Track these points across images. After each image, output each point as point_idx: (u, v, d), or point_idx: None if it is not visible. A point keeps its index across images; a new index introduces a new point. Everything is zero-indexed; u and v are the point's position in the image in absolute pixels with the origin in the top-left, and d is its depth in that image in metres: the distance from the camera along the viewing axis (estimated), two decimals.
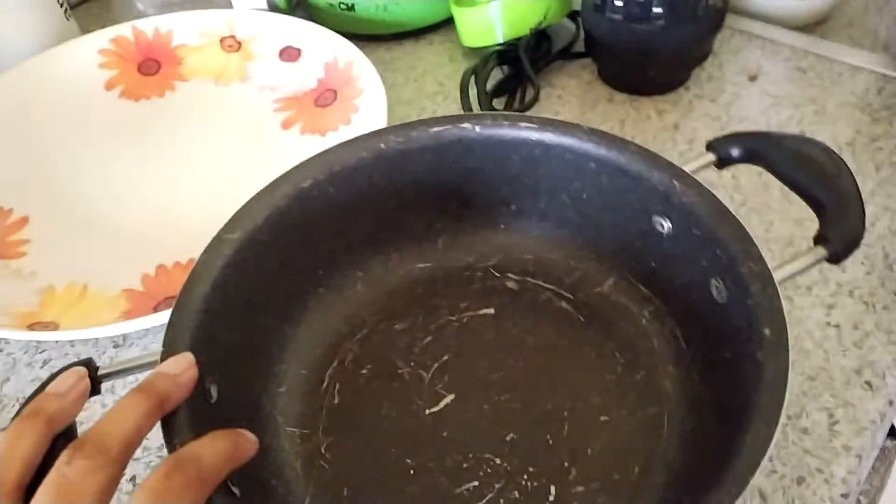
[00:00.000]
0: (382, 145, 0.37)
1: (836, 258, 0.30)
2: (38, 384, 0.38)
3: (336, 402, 0.36)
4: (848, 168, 0.32)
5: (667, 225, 0.34)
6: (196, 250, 0.33)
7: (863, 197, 0.30)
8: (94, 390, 0.29)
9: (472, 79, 0.51)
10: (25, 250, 0.44)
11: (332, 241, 0.38)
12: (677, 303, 0.35)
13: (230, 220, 0.33)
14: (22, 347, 0.41)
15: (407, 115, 0.37)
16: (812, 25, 0.57)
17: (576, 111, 0.51)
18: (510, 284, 0.40)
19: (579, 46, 0.55)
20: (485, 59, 0.52)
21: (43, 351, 0.40)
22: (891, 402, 0.35)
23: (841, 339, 0.37)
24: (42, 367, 0.39)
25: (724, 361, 0.31)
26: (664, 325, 0.36)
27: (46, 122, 0.51)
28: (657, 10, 0.47)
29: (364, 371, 0.37)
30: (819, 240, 0.30)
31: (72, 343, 0.40)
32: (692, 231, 0.33)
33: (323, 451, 0.34)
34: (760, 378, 0.26)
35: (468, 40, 0.55)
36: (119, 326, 0.37)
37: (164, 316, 0.37)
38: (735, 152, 0.34)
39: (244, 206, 0.34)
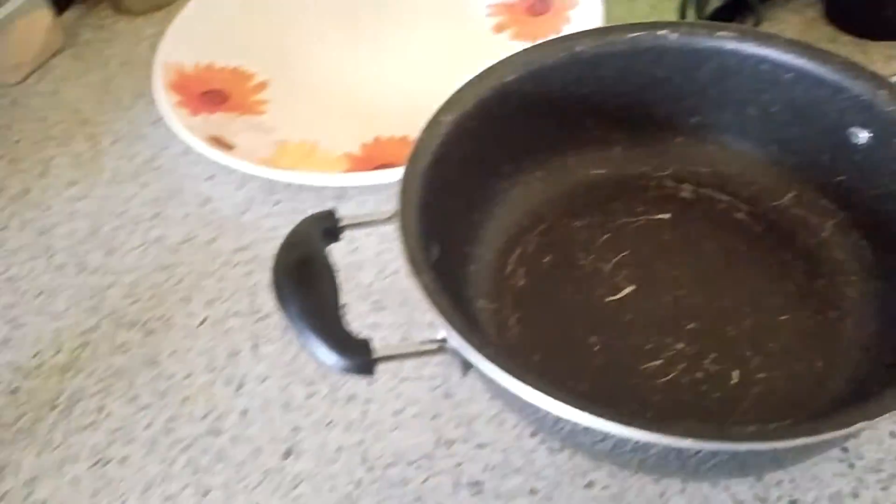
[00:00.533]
0: (579, 48, 0.39)
1: None
2: (270, 219, 0.44)
3: (521, 284, 0.38)
4: None
5: (864, 136, 0.35)
6: (408, 130, 0.37)
7: None
8: (335, 238, 0.32)
9: (692, 2, 0.51)
10: (265, 109, 0.50)
11: (520, 139, 0.40)
12: (866, 213, 0.36)
13: (445, 104, 0.36)
14: (259, 187, 0.46)
15: None
16: None
17: None
18: (685, 194, 0.41)
19: None
20: None
21: (275, 193, 0.46)
22: None
23: None
24: (274, 206, 0.45)
25: None
26: (849, 236, 0.37)
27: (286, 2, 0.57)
28: None
29: (546, 260, 0.39)
30: None
31: (300, 188, 0.45)
32: (893, 140, 0.33)
33: (512, 323, 0.37)
34: None
35: None
36: (346, 177, 0.43)
37: (382, 175, 0.42)
38: None
39: (456, 93, 0.37)
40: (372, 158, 0.46)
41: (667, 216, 0.40)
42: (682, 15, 0.50)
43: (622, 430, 0.24)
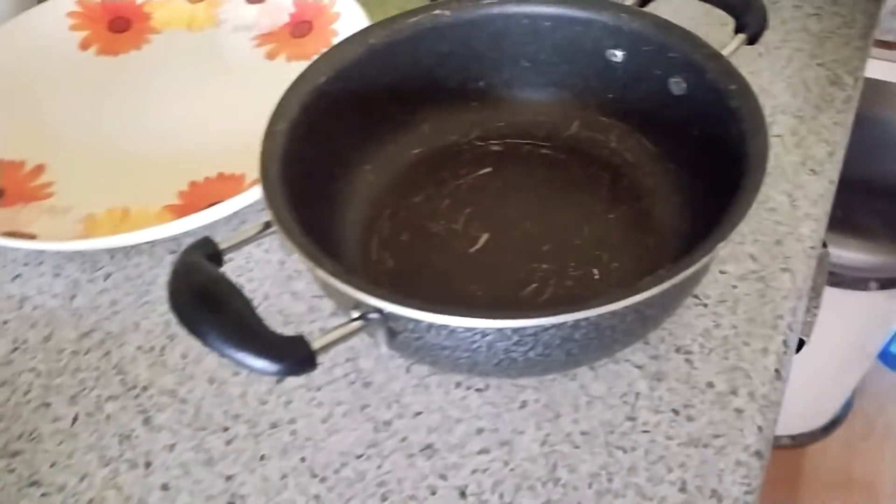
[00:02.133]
0: (373, 40, 0.42)
1: (754, 39, 0.40)
2: (106, 295, 0.41)
3: (391, 265, 0.40)
4: None
5: (620, 54, 0.42)
6: (220, 167, 0.40)
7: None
8: (219, 263, 0.31)
9: None
10: (53, 191, 0.46)
11: (343, 138, 0.42)
12: (638, 117, 0.43)
13: (274, 113, 0.37)
14: (78, 267, 0.42)
15: None
16: None
17: None
18: (494, 148, 0.46)
19: None
20: None
21: (101, 268, 0.42)
22: (831, 182, 0.45)
23: (784, 144, 0.47)
24: (105, 281, 0.41)
25: (693, 138, 0.40)
26: (630, 140, 0.44)
27: (34, 84, 0.53)
28: None
29: (403, 238, 0.42)
30: (738, 30, 0.40)
31: (127, 254, 0.43)
32: (643, 49, 0.41)
33: None
34: (739, 116, 0.35)
35: None
36: (173, 225, 0.40)
37: (217, 212, 0.41)
38: None
39: (282, 100, 0.37)
40: (196, 202, 0.45)
41: (488, 169, 0.45)
42: None
43: (554, 320, 0.27)
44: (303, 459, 0.34)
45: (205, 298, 0.28)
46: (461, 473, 0.33)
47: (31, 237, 0.42)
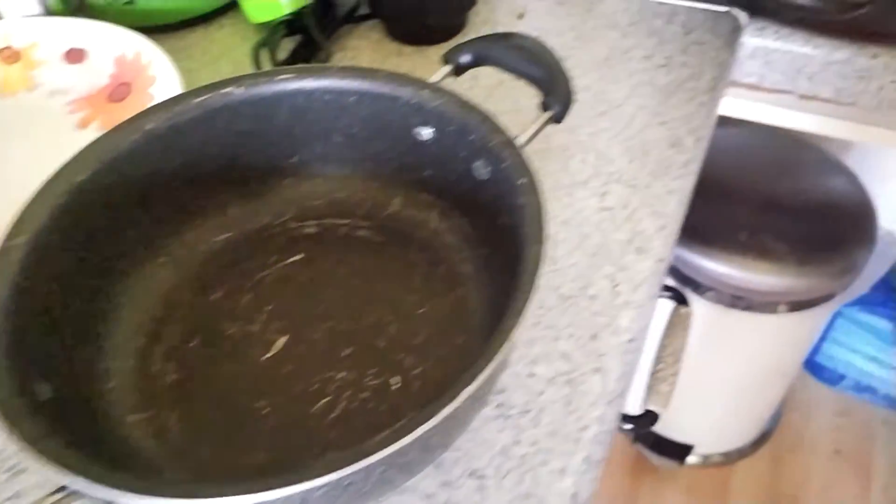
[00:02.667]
0: (150, 125, 0.37)
1: (559, 117, 0.36)
2: None
3: (172, 378, 0.36)
4: (551, 49, 0.39)
5: (426, 132, 0.39)
6: None
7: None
8: None
9: (265, 52, 0.53)
10: None
11: (124, 233, 0.38)
12: (455, 197, 0.40)
13: (13, 226, 0.32)
14: None
15: None
16: None
17: None
18: (309, 230, 0.42)
19: (365, 9, 0.59)
20: (272, 30, 0.54)
21: None
22: (660, 260, 0.42)
23: (614, 219, 0.43)
24: None
25: (503, 227, 0.36)
26: (450, 220, 0.41)
27: None
28: None
29: (192, 344, 0.37)
30: (544, 107, 0.37)
31: None
32: (447, 129, 0.38)
33: (172, 424, 0.34)
34: (524, 215, 0.32)
35: (255, 16, 0.56)
36: None
37: None
38: (466, 58, 0.40)
39: (24, 210, 0.33)
40: None
41: (299, 256, 0.41)
42: (258, 65, 0.52)
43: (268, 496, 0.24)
44: None
45: None
46: None
47: None
